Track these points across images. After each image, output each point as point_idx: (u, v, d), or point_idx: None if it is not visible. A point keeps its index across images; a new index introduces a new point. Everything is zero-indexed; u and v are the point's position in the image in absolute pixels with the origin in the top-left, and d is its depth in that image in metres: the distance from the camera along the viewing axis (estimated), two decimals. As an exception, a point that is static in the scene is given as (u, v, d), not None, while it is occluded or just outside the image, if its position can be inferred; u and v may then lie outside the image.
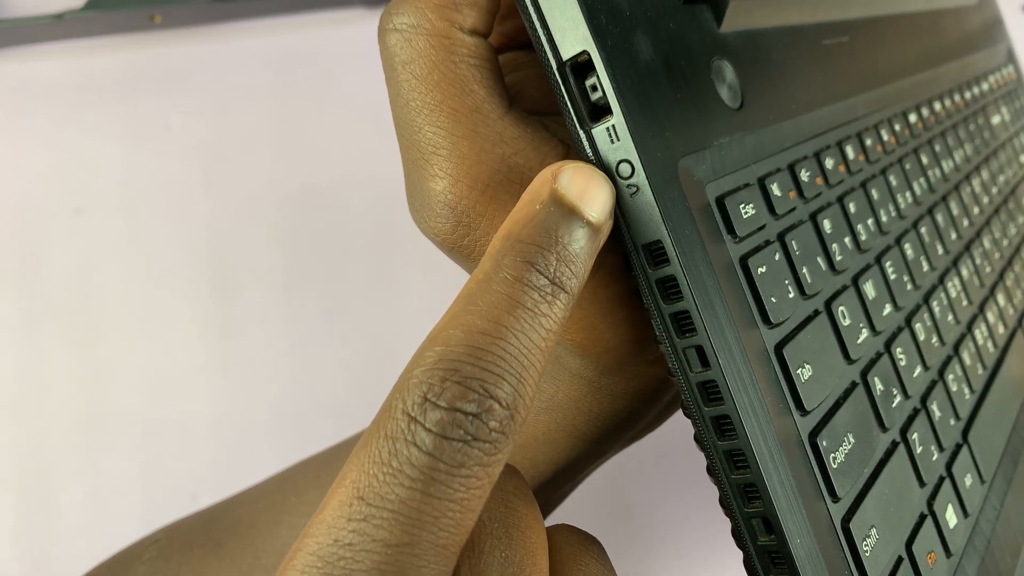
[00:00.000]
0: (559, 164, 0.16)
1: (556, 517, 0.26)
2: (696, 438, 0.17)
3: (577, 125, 0.16)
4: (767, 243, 0.19)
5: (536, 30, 0.16)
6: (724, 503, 0.17)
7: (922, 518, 0.21)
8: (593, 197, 0.15)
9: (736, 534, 0.17)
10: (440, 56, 0.18)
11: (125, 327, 0.40)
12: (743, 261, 0.18)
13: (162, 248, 0.42)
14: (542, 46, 0.16)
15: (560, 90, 0.16)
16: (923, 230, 0.27)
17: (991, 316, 0.30)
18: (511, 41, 0.22)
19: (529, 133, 0.19)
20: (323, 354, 0.42)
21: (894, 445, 0.21)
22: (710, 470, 0.17)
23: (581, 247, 0.15)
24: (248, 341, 0.41)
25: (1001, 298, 0.31)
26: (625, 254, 0.17)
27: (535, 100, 0.21)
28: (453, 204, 0.18)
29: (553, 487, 0.24)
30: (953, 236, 0.29)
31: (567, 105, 0.16)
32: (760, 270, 0.18)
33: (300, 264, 0.43)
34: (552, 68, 0.16)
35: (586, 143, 0.16)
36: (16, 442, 0.38)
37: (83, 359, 0.40)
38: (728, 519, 0.17)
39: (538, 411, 0.21)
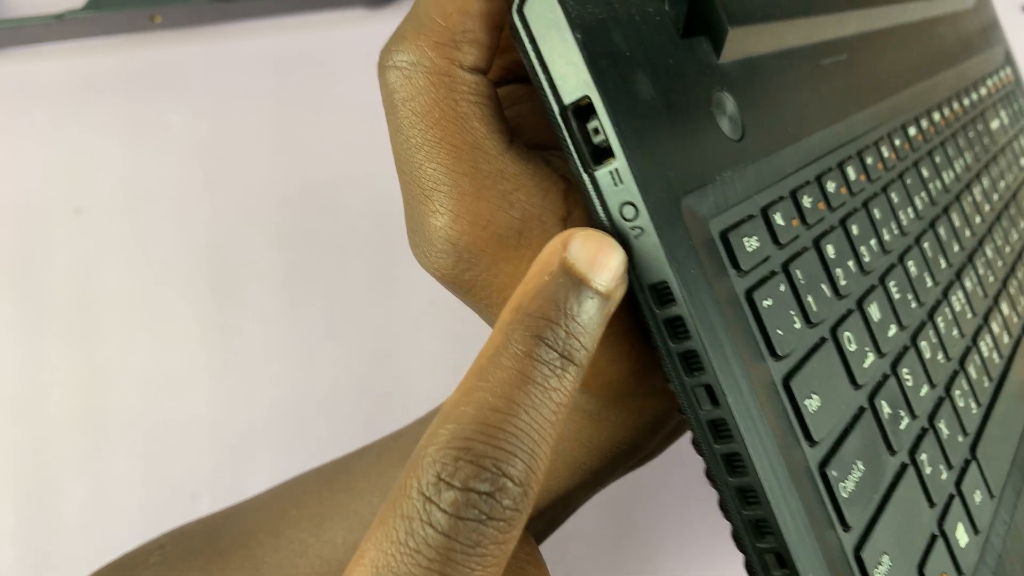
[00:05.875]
0: (569, 232, 0.16)
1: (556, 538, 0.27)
2: (707, 474, 0.17)
3: (580, 168, 0.16)
4: (772, 274, 0.19)
5: (537, 74, 0.16)
6: (736, 538, 0.17)
7: (933, 539, 0.21)
8: (604, 266, 0.15)
9: (749, 568, 0.17)
10: (440, 94, 0.18)
11: (125, 327, 0.41)
12: (748, 295, 0.18)
13: (162, 248, 0.42)
14: (543, 90, 0.16)
15: (562, 133, 0.16)
16: (926, 245, 0.27)
17: (995, 327, 0.30)
18: (509, 74, 0.22)
19: (531, 169, 0.19)
20: (323, 354, 0.42)
21: (903, 468, 0.21)
22: (722, 505, 0.17)
23: (591, 318, 0.15)
24: (248, 341, 0.42)
25: (1005, 307, 0.31)
26: (629, 291, 0.17)
27: (535, 133, 0.21)
28: (454, 240, 0.18)
29: (550, 516, 0.24)
30: (956, 248, 0.29)
31: (570, 148, 0.16)
32: (766, 303, 0.18)
33: (300, 264, 0.43)
34: (554, 112, 0.16)
35: (589, 186, 0.16)
36: (16, 442, 0.39)
37: (83, 359, 0.40)
38: (741, 553, 0.17)
39: None
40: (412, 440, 0.26)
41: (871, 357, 0.21)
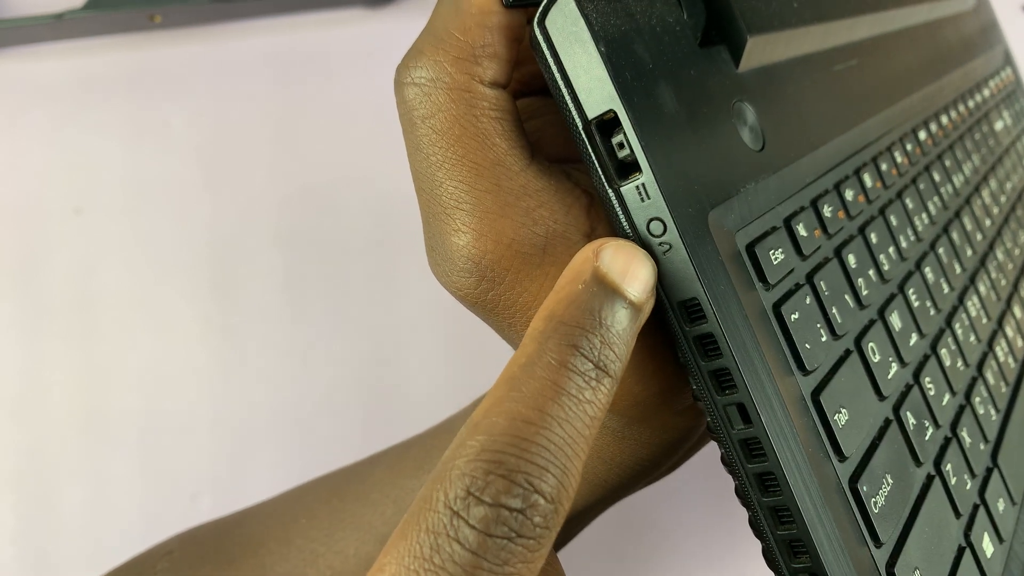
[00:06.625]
0: (600, 242, 0.15)
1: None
2: (737, 492, 0.17)
3: (605, 184, 0.16)
4: (797, 287, 0.18)
5: (559, 88, 0.16)
6: (768, 557, 0.17)
7: (960, 551, 0.21)
8: (635, 276, 0.15)
9: (783, 588, 0.17)
10: (461, 110, 0.18)
11: (125, 327, 0.40)
12: (776, 309, 0.17)
13: (162, 248, 0.42)
14: (566, 104, 0.16)
15: (586, 149, 0.16)
16: (941, 251, 0.27)
17: (1010, 330, 0.30)
18: (525, 87, 0.21)
19: (553, 184, 0.18)
20: (323, 354, 0.42)
21: (929, 479, 0.20)
22: (753, 523, 0.17)
23: (624, 328, 0.15)
24: (248, 340, 0.41)
25: (1018, 310, 0.31)
26: (656, 308, 0.17)
27: (555, 148, 0.21)
28: (477, 259, 0.18)
29: (564, 531, 0.24)
30: (968, 252, 0.29)
31: (594, 163, 0.16)
32: (793, 317, 0.18)
33: (300, 264, 0.43)
34: (577, 127, 0.16)
35: (615, 202, 0.16)
36: (16, 442, 0.38)
37: (83, 359, 0.40)
38: (773, 572, 0.17)
39: None
40: (424, 451, 0.26)
41: (894, 367, 0.21)
